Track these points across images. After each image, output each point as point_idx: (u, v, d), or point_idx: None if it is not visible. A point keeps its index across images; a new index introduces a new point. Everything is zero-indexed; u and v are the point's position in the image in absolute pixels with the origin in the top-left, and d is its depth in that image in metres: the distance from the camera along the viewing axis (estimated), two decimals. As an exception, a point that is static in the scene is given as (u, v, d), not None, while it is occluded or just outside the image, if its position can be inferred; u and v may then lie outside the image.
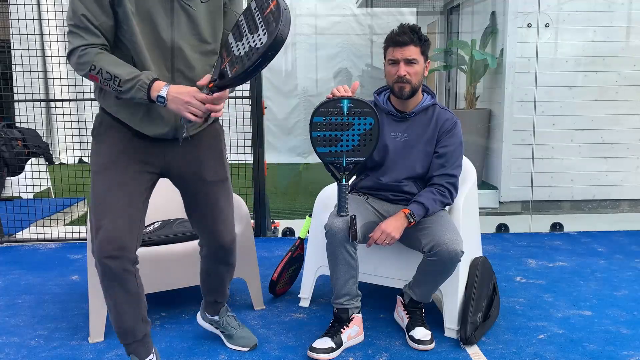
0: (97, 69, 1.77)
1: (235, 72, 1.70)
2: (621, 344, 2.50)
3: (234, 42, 1.77)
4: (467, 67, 5.65)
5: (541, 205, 5.17)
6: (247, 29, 1.73)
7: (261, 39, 1.64)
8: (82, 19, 1.77)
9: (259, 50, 1.64)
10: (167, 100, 1.77)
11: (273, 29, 1.62)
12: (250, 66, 1.67)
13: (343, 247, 2.37)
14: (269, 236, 4.39)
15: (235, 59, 1.73)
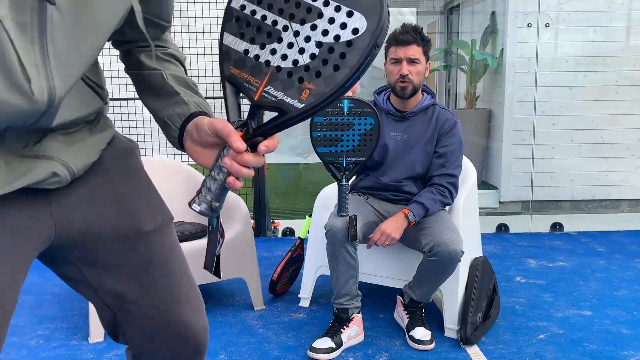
0: None
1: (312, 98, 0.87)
2: (621, 344, 2.50)
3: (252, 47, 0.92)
4: (467, 67, 5.65)
5: (541, 205, 5.17)
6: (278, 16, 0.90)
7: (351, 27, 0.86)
8: None
9: (362, 45, 0.85)
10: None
11: (374, 2, 0.85)
12: (350, 76, 0.86)
13: (343, 247, 2.37)
14: (269, 236, 4.39)
15: (292, 72, 0.89)
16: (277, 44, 0.90)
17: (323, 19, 0.87)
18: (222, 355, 2.42)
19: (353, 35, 0.86)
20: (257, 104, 0.91)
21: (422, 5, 7.37)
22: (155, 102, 1.08)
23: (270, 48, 0.90)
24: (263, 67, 0.91)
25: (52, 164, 0.93)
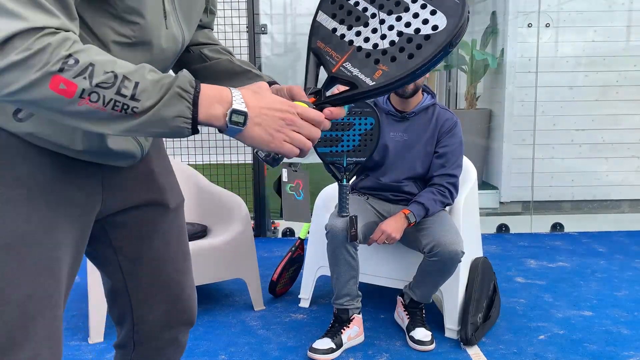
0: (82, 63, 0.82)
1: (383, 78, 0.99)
2: (622, 345, 2.50)
3: (340, 26, 1.05)
4: (468, 67, 5.65)
5: (542, 206, 5.17)
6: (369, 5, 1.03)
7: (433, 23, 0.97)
8: None
9: (438, 41, 0.96)
10: (249, 120, 0.91)
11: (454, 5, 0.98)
12: (421, 66, 0.97)
13: (344, 248, 2.37)
14: (269, 236, 4.39)
15: (370, 53, 1.00)
16: (363, 28, 1.02)
17: (408, 13, 0.99)
18: (222, 356, 2.41)
19: (432, 31, 0.97)
20: (333, 75, 1.04)
21: (423, 5, 7.37)
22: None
23: (355, 30, 1.03)
24: (346, 45, 1.03)
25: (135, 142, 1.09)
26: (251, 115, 0.91)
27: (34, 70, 0.79)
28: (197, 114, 0.88)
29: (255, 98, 0.92)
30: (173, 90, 0.86)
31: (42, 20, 0.80)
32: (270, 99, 0.94)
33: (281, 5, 6.86)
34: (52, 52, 0.80)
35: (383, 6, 1.02)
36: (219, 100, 0.89)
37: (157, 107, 0.85)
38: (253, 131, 0.92)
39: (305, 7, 7.11)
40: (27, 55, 0.78)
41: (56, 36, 0.81)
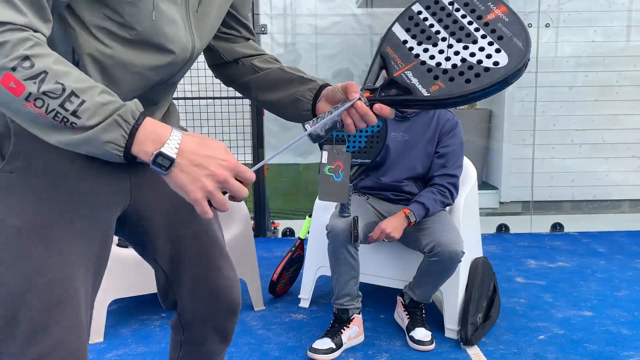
0: (38, 67, 0.84)
1: (438, 93, 1.11)
2: (622, 345, 2.50)
3: (411, 40, 1.17)
4: (468, 67, 5.65)
5: (542, 206, 5.17)
6: (441, 29, 1.16)
7: (494, 59, 1.11)
8: None
9: (494, 75, 1.09)
10: (175, 168, 0.90)
11: (518, 49, 1.12)
12: (475, 92, 1.09)
13: (345, 248, 2.37)
14: (269, 236, 4.39)
15: (431, 69, 1.12)
16: (431, 47, 1.15)
17: (475, 45, 1.12)
18: (222, 356, 2.41)
19: (493, 66, 1.10)
20: (394, 78, 1.15)
21: (422, 5, 7.36)
22: (281, 91, 1.26)
23: (424, 47, 1.15)
24: (412, 57, 1.15)
25: None
26: (179, 162, 0.89)
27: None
28: (131, 145, 0.89)
29: (195, 147, 0.91)
30: (113, 117, 0.87)
31: (7, 16, 0.83)
32: (211, 152, 0.91)
33: (281, 5, 6.87)
34: (11, 49, 0.83)
35: (454, 34, 1.15)
36: (153, 138, 0.89)
37: (96, 129, 0.87)
38: (177, 177, 0.90)
39: (305, 7, 7.12)
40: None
41: (18, 34, 0.84)
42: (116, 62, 1.02)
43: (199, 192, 0.90)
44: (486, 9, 1.17)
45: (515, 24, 1.16)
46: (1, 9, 0.84)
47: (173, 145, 0.90)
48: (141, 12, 0.98)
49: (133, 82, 1.05)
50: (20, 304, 0.99)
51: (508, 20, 1.17)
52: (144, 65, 1.04)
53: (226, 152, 0.93)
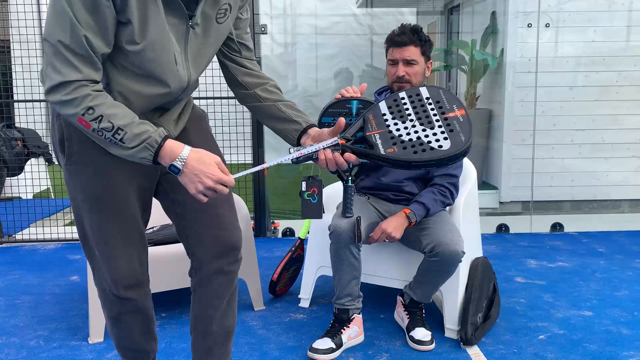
0: (96, 114, 1.36)
1: (391, 154, 1.51)
2: (622, 345, 2.50)
3: (388, 115, 1.59)
4: (468, 67, 5.65)
5: (541, 206, 5.17)
6: (414, 115, 1.57)
7: (440, 143, 1.49)
8: (82, 43, 1.33)
9: (435, 154, 1.48)
10: (182, 174, 1.42)
11: (460, 142, 1.50)
12: (416, 162, 1.49)
13: (347, 249, 2.37)
14: (269, 236, 4.39)
15: (394, 138, 1.53)
16: (400, 123, 1.57)
17: (431, 130, 1.53)
18: (222, 356, 2.41)
19: (437, 147, 1.50)
20: (365, 137, 1.57)
21: (422, 5, 7.37)
22: (275, 123, 1.70)
23: (395, 121, 1.58)
24: (384, 125, 1.58)
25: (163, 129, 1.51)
26: (184, 170, 1.42)
27: (71, 109, 1.37)
28: (156, 159, 1.42)
29: (195, 162, 1.42)
30: (143, 144, 1.40)
31: (71, 76, 1.34)
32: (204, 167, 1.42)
33: (281, 5, 6.86)
34: (79, 103, 1.36)
35: (420, 119, 1.56)
36: (170, 155, 1.42)
37: (133, 150, 1.40)
38: (182, 179, 1.44)
39: (305, 7, 7.12)
40: (67, 99, 1.36)
41: (83, 91, 1.35)
42: (130, 90, 1.48)
43: (194, 190, 1.44)
44: (450, 108, 1.59)
45: (466, 124, 1.55)
46: (65, 70, 1.34)
47: (181, 160, 1.42)
48: (144, 58, 1.43)
49: (144, 103, 1.52)
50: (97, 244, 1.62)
51: (462, 121, 1.56)
52: (149, 94, 1.50)
53: (214, 167, 1.43)
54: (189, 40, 1.49)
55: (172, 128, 1.63)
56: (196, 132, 1.73)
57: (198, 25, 1.49)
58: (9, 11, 6.63)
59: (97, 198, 1.58)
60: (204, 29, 1.52)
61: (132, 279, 1.65)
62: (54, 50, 1.34)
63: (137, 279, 1.67)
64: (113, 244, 1.61)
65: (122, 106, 1.41)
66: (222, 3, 1.53)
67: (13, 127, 5.36)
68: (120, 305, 1.70)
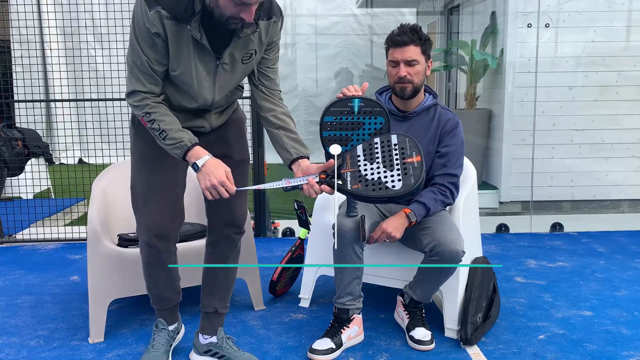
0: (151, 118, 1.93)
1: (355, 190, 1.92)
2: (621, 345, 2.50)
3: (362, 157, 1.99)
4: (467, 67, 5.65)
5: (541, 206, 5.17)
6: (381, 158, 1.96)
7: (394, 183, 1.89)
8: (145, 64, 1.89)
9: (388, 193, 1.88)
10: (199, 171, 1.91)
11: (409, 183, 1.88)
12: (372, 198, 1.90)
13: (351, 248, 2.37)
14: (269, 236, 4.39)
15: (360, 177, 1.94)
16: (369, 164, 1.97)
17: (391, 172, 1.93)
18: (222, 356, 2.41)
19: (390, 187, 1.90)
20: (340, 173, 1.97)
21: (422, 5, 7.37)
22: (275, 146, 2.13)
23: (364, 162, 1.98)
24: (356, 165, 1.98)
25: (205, 122, 2.13)
26: (201, 169, 1.92)
27: (137, 111, 1.97)
28: (185, 157, 1.94)
29: (210, 166, 1.92)
30: (177, 144, 1.93)
31: (136, 87, 1.93)
32: (216, 170, 1.91)
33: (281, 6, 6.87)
34: (142, 109, 1.94)
35: (385, 162, 1.96)
36: (195, 156, 1.93)
37: (171, 147, 1.94)
38: (199, 176, 1.92)
39: (305, 7, 7.12)
40: (135, 105, 1.95)
41: (145, 101, 1.93)
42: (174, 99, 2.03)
43: (203, 185, 1.92)
44: (410, 154, 1.94)
45: (419, 169, 1.91)
46: (135, 83, 1.92)
47: (201, 162, 1.92)
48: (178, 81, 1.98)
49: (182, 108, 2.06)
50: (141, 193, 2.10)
51: (416, 166, 1.91)
52: (183, 104, 2.04)
53: (222, 174, 1.91)
54: (217, 75, 1.99)
55: (214, 120, 2.14)
56: (233, 130, 2.22)
57: (227, 64, 1.98)
58: (9, 11, 6.64)
59: (150, 159, 2.08)
60: (231, 67, 2.00)
61: (162, 228, 2.08)
62: (130, 68, 1.93)
63: (166, 229, 2.09)
64: (154, 195, 2.07)
65: (171, 115, 1.96)
66: (249, 49, 1.99)
67: (13, 127, 5.36)
68: (149, 255, 2.13)
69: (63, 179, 4.59)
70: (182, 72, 1.94)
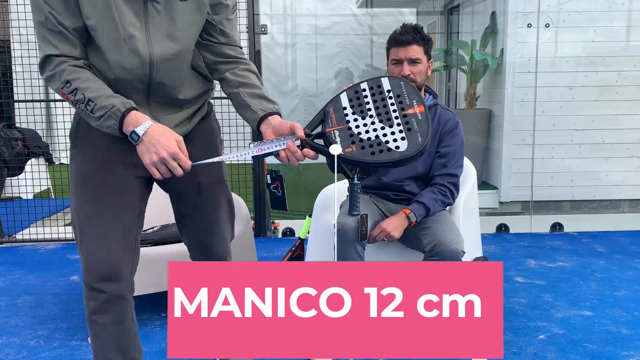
0: (72, 87, 1.47)
1: (349, 154, 1.48)
2: (621, 345, 2.50)
3: (349, 108, 1.55)
4: (467, 67, 5.65)
5: (541, 206, 5.17)
6: (374, 110, 1.53)
7: (397, 143, 1.47)
8: (51, 19, 1.45)
9: (392, 156, 1.45)
10: (141, 141, 1.45)
11: (417, 142, 1.46)
12: (372, 164, 1.47)
13: (353, 247, 2.37)
14: (269, 236, 4.39)
15: (353, 136, 1.50)
16: (360, 119, 1.53)
17: (390, 129, 1.50)
18: (222, 356, 2.41)
19: (394, 148, 1.47)
20: (324, 133, 1.54)
21: (422, 5, 7.37)
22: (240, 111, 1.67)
23: (354, 117, 1.54)
24: (344, 121, 1.54)
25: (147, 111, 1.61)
26: (143, 139, 1.45)
27: (54, 83, 1.51)
28: (122, 127, 1.47)
29: (155, 133, 1.45)
30: (108, 112, 1.46)
31: (49, 50, 1.48)
32: (163, 138, 1.45)
33: (281, 5, 6.86)
34: (59, 77, 1.49)
35: (380, 115, 1.53)
36: (134, 123, 1.46)
37: (102, 119, 1.48)
38: (140, 147, 1.47)
39: (305, 7, 7.12)
40: (50, 74, 1.50)
41: (61, 66, 1.48)
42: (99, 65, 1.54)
43: (149, 160, 1.45)
44: (410, 104, 1.53)
45: (424, 122, 1.50)
46: (45, 46, 1.48)
47: (142, 129, 1.46)
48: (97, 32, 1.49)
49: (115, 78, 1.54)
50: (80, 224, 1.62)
51: (420, 119, 1.50)
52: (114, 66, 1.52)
53: (173, 142, 1.45)
54: (149, 17, 1.50)
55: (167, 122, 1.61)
56: (200, 145, 1.71)
57: (158, 2, 1.50)
58: (9, 11, 6.63)
59: (86, 179, 1.61)
60: (166, 6, 1.51)
61: (108, 267, 1.57)
62: (37, 31, 1.49)
63: (113, 269, 1.58)
64: (97, 226, 1.58)
65: (96, 81, 1.50)
66: None
67: (13, 127, 5.36)
68: (94, 305, 1.61)
69: (63, 179, 4.59)
70: (100, 19, 1.47)
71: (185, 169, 1.46)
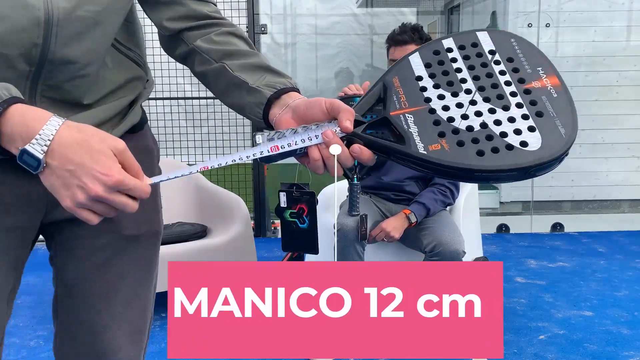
0: None
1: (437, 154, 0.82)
2: (622, 345, 2.50)
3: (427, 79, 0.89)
4: (468, 67, 5.65)
5: (542, 206, 5.17)
6: (470, 80, 0.87)
7: (523, 138, 0.83)
8: None
9: (519, 160, 0.82)
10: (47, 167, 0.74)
11: (557, 134, 0.86)
12: (484, 171, 0.81)
13: (353, 247, 2.37)
14: (269, 236, 4.39)
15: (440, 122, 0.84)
16: (449, 95, 0.86)
17: (505, 113, 0.84)
18: (222, 356, 2.41)
19: (519, 145, 0.82)
20: (388, 118, 0.86)
21: (423, 5, 7.37)
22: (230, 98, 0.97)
23: (440, 92, 0.87)
24: (422, 99, 0.86)
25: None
26: (50, 162, 0.73)
27: None
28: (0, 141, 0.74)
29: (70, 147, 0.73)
30: None
31: None
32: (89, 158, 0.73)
33: (281, 5, 6.87)
34: None
35: (484, 89, 0.86)
36: (20, 132, 0.74)
37: None
38: (47, 179, 0.75)
39: (306, 7, 7.12)
40: None
41: None
42: None
43: (69, 201, 0.74)
44: (533, 73, 0.92)
45: (565, 103, 0.91)
46: None
47: (43, 142, 0.73)
48: None
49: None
50: None
51: (556, 97, 0.92)
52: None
53: (109, 158, 0.74)
54: None
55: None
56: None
57: None
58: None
59: None
60: None
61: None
62: None
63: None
64: None
65: None
66: None
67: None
68: None
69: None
70: None
71: (142, 196, 0.78)
